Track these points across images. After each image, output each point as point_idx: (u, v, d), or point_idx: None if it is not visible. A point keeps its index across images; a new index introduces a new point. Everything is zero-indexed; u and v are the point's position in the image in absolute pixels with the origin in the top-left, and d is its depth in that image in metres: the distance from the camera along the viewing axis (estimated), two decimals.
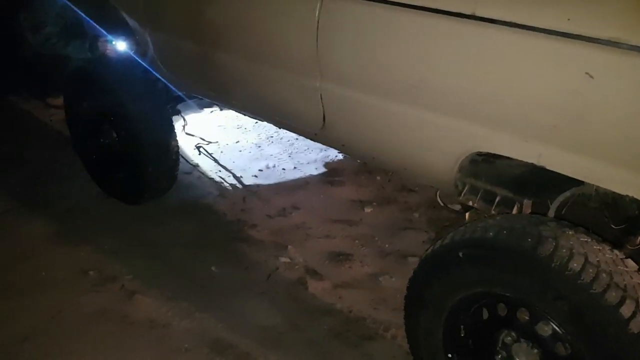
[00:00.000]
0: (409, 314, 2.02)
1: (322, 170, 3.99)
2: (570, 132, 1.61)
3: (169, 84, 3.20)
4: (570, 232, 1.66)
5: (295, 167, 4.00)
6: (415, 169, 2.15)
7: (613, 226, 1.96)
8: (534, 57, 1.64)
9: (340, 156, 4.09)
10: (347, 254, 3.08)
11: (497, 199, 2.08)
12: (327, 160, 4.09)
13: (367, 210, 3.49)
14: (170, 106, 3.42)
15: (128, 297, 2.74)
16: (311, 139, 2.59)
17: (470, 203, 2.16)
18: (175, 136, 3.29)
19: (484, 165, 2.11)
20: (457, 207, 2.48)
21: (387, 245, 3.14)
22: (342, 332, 2.55)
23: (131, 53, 3.19)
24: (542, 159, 1.70)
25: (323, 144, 2.61)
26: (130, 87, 3.18)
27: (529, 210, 1.98)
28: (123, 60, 3.20)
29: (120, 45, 3.20)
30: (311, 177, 3.91)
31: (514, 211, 2.00)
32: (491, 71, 1.75)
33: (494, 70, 1.74)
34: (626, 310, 1.49)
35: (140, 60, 3.18)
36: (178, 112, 3.58)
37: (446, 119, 1.88)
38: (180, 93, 3.29)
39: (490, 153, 1.91)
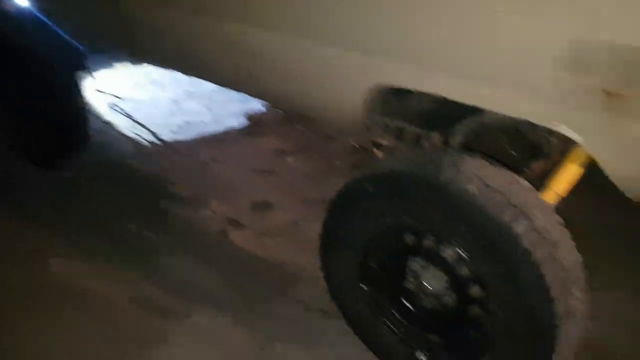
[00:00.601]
0: (324, 252, 2.05)
1: (243, 122, 3.93)
2: (463, 59, 1.63)
3: (71, 38, 3.01)
4: (470, 159, 1.71)
5: (215, 121, 3.91)
6: (324, 109, 2.14)
7: (514, 153, 2.03)
8: None
9: (262, 107, 4.03)
10: (270, 202, 3.07)
11: (408, 135, 2.12)
12: (248, 112, 4.02)
13: (289, 159, 3.48)
14: (74, 61, 3.23)
15: (44, 259, 2.63)
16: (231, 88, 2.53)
17: (383, 141, 2.19)
18: (82, 92, 3.12)
19: (394, 103, 2.12)
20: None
21: (309, 193, 3.15)
22: (266, 278, 2.56)
23: (31, 8, 2.97)
24: (443, 89, 1.73)
25: (244, 93, 2.55)
26: (28, 41, 2.98)
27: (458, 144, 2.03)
28: (21, 13, 2.99)
29: None
30: (232, 129, 3.84)
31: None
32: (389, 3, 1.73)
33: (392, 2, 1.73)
34: (521, 227, 1.56)
35: (40, 14, 2.98)
36: (84, 67, 3.39)
37: (349, 55, 1.86)
38: (85, 46, 3.11)
39: (398, 89, 1.92)
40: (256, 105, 4.03)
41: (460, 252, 1.72)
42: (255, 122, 3.91)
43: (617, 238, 2.72)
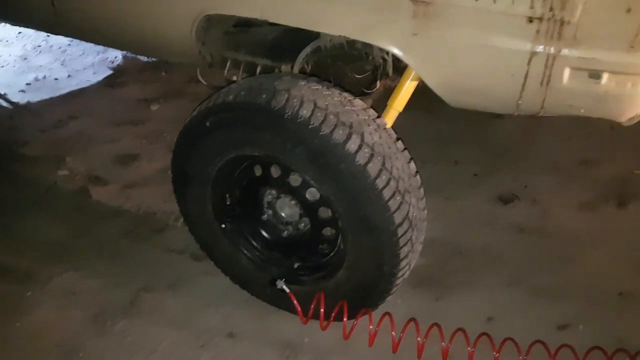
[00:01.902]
0: (178, 194, 2.01)
1: (102, 74, 3.69)
2: None
3: None
4: (302, 83, 1.70)
5: (69, 75, 3.64)
6: (159, 46, 2.04)
7: (354, 75, 2.06)
8: None
9: (120, 56, 3.80)
10: (135, 154, 2.94)
11: (259, 68, 2.08)
12: (106, 62, 3.78)
13: (154, 107, 3.33)
14: None
15: None
16: (52, 33, 2.33)
17: (235, 78, 2.14)
18: None
19: (241, 37, 2.06)
20: None
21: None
22: (132, 230, 2.49)
23: None
24: (264, 11, 1.69)
25: (66, 36, 2.36)
26: None
27: None
28: None
29: None
30: (89, 82, 3.60)
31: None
32: None
33: None
34: (352, 145, 1.59)
35: None
36: None
37: None
38: None
39: (243, 22, 1.85)
40: (115, 54, 3.79)
41: (303, 176, 1.74)
42: (115, 73, 3.68)
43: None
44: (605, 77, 1.39)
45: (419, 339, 1.80)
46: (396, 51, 1.56)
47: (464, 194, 2.61)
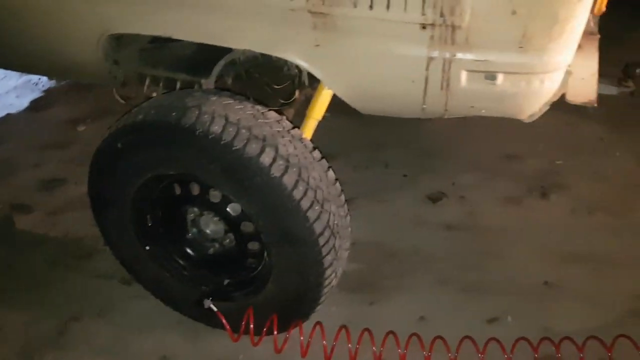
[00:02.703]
0: (98, 219, 1.96)
1: (26, 96, 3.57)
2: None
3: None
4: (213, 98, 1.69)
5: None
6: (62, 65, 1.99)
7: (269, 87, 2.05)
8: None
9: (44, 78, 3.68)
10: (61, 178, 2.86)
11: (178, 84, 2.05)
12: (30, 84, 3.66)
13: (81, 128, 3.25)
14: None
15: None
16: None
17: (154, 94, 2.10)
18: None
19: (158, 52, 2.03)
20: None
21: None
22: (58, 257, 2.41)
23: None
24: (167, 29, 1.67)
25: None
26: None
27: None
28: None
29: None
30: (12, 106, 3.48)
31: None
32: None
33: None
34: (266, 158, 1.59)
35: None
36: None
37: (71, 3, 1.72)
38: None
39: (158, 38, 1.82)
40: (37, 76, 3.68)
41: (222, 192, 1.73)
42: (40, 94, 3.57)
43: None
44: (500, 77, 1.43)
45: (349, 345, 1.81)
46: (301, 63, 1.57)
47: (395, 196, 2.65)
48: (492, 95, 1.47)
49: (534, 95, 1.47)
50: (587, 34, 1.81)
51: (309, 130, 1.87)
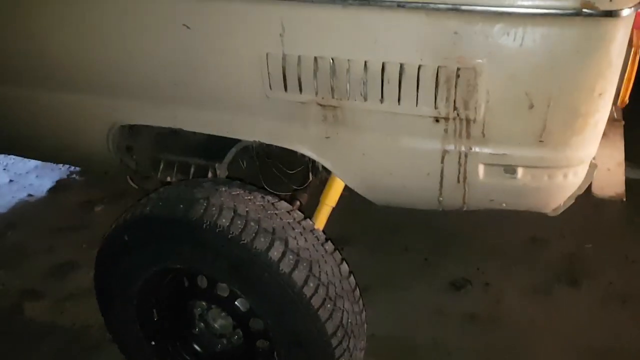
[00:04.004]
0: (104, 313, 1.88)
1: (45, 177, 3.60)
2: (184, 87, 1.58)
3: None
4: (223, 189, 1.64)
5: (11, 180, 3.54)
6: (73, 155, 1.99)
7: (288, 171, 2.01)
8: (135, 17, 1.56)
9: None
10: (73, 262, 2.80)
11: (192, 169, 2.04)
12: (50, 165, 3.70)
13: (98, 209, 3.23)
14: None
15: None
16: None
17: (169, 179, 2.09)
18: None
19: (173, 137, 2.03)
20: None
21: None
22: (65, 349, 2.31)
23: None
24: (177, 121, 1.66)
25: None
26: None
27: (225, 174, 1.97)
28: None
29: None
30: (32, 187, 3.50)
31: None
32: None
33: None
34: (275, 252, 1.52)
35: None
36: None
37: (80, 97, 1.73)
38: None
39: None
40: None
41: (230, 287, 1.65)
42: (59, 175, 3.60)
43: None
44: (520, 171, 1.36)
45: None
46: (311, 154, 1.53)
47: (415, 283, 2.53)
48: (513, 190, 1.40)
49: (557, 190, 1.39)
50: (611, 120, 1.75)
51: (322, 219, 1.81)
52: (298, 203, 2.00)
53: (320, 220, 1.82)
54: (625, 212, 2.85)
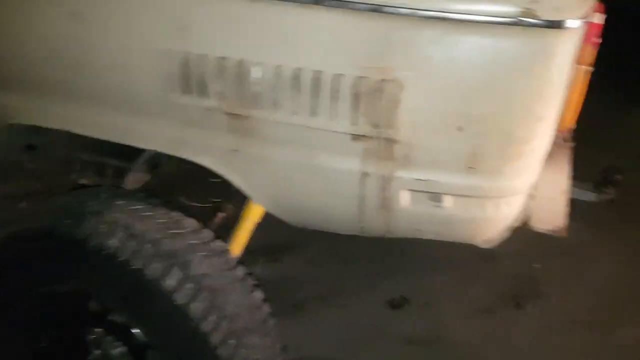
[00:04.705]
0: None
1: None
2: (74, 85, 1.36)
3: None
4: (119, 203, 1.43)
5: None
6: None
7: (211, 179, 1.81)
8: None
9: None
10: None
11: (110, 170, 1.82)
12: None
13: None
14: None
15: None
16: None
17: (85, 181, 1.87)
18: None
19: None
20: None
21: None
22: None
23: None
24: (68, 123, 1.43)
25: None
26: None
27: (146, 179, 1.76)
28: None
29: None
30: None
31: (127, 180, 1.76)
32: None
33: None
34: (172, 280, 1.31)
35: None
36: None
37: None
38: None
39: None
40: None
41: (122, 316, 1.44)
42: None
43: None
44: (447, 200, 1.19)
45: None
46: (217, 168, 1.33)
47: (352, 300, 2.36)
48: (440, 220, 1.23)
49: (489, 222, 1.23)
50: (558, 142, 1.60)
51: (241, 237, 1.62)
52: (221, 216, 1.82)
53: (240, 238, 1.63)
54: (579, 231, 2.73)
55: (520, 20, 0.98)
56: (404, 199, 1.20)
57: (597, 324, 2.25)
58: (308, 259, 2.58)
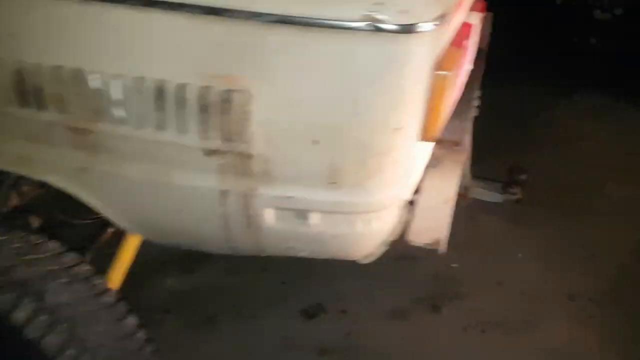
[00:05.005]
0: None
1: None
2: None
3: None
4: None
5: None
6: None
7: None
8: None
9: None
10: None
11: None
12: None
13: None
14: None
15: None
16: None
17: None
18: None
19: None
20: None
21: None
22: None
23: None
24: None
25: None
26: None
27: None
28: None
29: None
30: None
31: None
32: None
33: None
34: (23, 313, 1.18)
35: None
36: None
37: None
38: None
39: None
40: None
41: None
42: None
43: None
44: (313, 217, 1.10)
45: None
46: (67, 188, 1.20)
47: (266, 311, 2.27)
48: (309, 237, 1.14)
49: (361, 238, 1.15)
50: (451, 144, 1.55)
51: (124, 255, 1.51)
52: (110, 231, 1.69)
53: (123, 258, 1.52)
54: (500, 226, 2.73)
55: (364, 25, 0.89)
56: (269, 217, 1.11)
57: (514, 325, 2.23)
58: (224, 268, 2.47)
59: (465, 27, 1.15)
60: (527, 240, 2.62)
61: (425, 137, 1.05)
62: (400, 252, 2.58)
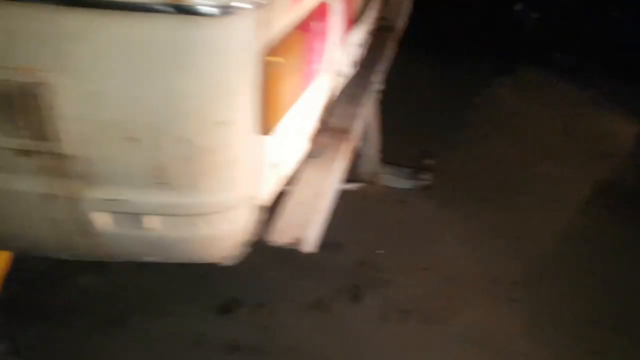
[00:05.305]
0: None
1: None
2: None
3: None
4: None
5: None
6: None
7: None
8: None
9: None
10: None
11: None
12: None
13: None
14: None
15: None
16: None
17: None
18: None
19: None
20: None
21: None
22: None
23: None
24: None
25: None
26: None
27: None
28: None
29: None
30: None
31: None
32: None
33: None
34: None
35: None
36: None
37: None
38: None
39: None
40: None
41: None
42: None
43: None
44: (149, 220, 1.00)
45: None
46: None
47: (181, 308, 2.16)
48: (151, 242, 1.04)
49: (209, 240, 1.05)
50: (338, 132, 1.45)
51: None
52: None
53: None
54: (429, 208, 2.66)
55: (165, 7, 0.78)
56: (100, 222, 1.00)
57: (435, 311, 2.17)
58: (139, 264, 2.34)
59: (320, 9, 1.05)
60: (455, 224, 2.56)
61: (265, 131, 0.95)
62: (326, 241, 2.53)
